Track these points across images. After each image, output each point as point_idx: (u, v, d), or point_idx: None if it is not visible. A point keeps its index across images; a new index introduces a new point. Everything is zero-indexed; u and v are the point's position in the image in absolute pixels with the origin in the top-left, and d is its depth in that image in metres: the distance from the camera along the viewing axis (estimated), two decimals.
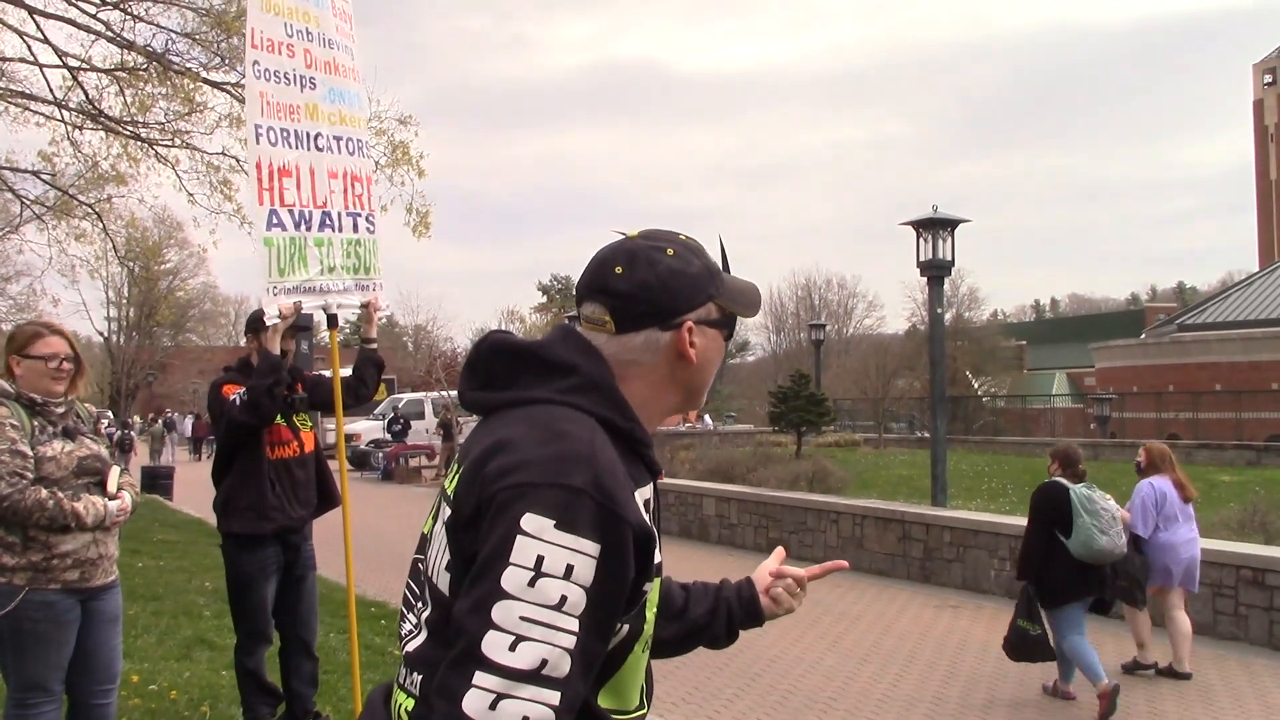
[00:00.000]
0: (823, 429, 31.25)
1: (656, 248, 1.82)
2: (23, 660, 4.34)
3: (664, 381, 1.83)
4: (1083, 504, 7.65)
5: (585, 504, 1.55)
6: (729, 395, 63.66)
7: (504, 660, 1.48)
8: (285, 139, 5.83)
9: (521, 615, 1.50)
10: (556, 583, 1.51)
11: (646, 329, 1.79)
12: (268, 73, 5.81)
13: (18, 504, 4.18)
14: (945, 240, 14.44)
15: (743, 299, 1.91)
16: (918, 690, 8.07)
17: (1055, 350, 70.47)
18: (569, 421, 1.66)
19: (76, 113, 16.67)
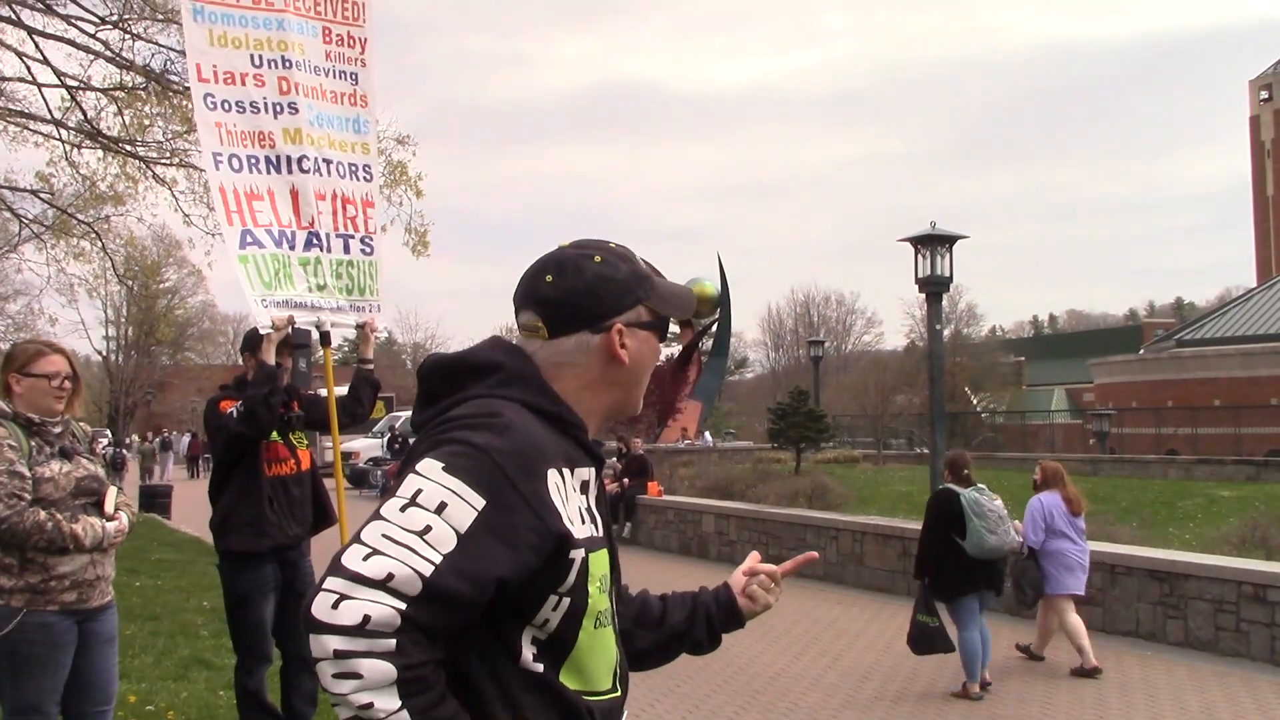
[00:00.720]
0: (822, 445, 31.26)
1: (584, 255, 1.91)
2: (18, 683, 4.30)
3: (598, 382, 1.91)
4: (973, 507, 8.39)
5: (480, 460, 1.66)
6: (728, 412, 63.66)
7: (354, 567, 1.56)
8: (253, 165, 5.86)
9: (384, 533, 1.59)
10: (425, 513, 1.61)
11: (577, 333, 1.88)
12: (225, 103, 5.85)
13: (16, 526, 4.15)
14: (943, 256, 14.47)
15: (674, 301, 2.01)
16: (918, 709, 8.03)
17: (1054, 366, 70.44)
18: (492, 405, 1.77)
19: (75, 132, 16.69)
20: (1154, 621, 10.30)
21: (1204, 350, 46.46)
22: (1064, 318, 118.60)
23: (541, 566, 1.69)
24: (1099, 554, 11.03)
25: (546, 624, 1.73)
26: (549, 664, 1.74)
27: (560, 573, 1.72)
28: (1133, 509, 20.89)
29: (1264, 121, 74.25)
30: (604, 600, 1.83)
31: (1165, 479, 28.77)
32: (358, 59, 6.34)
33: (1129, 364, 51.53)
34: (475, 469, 1.65)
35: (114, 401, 63.21)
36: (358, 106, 6.34)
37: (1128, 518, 18.58)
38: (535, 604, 1.72)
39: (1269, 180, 74.12)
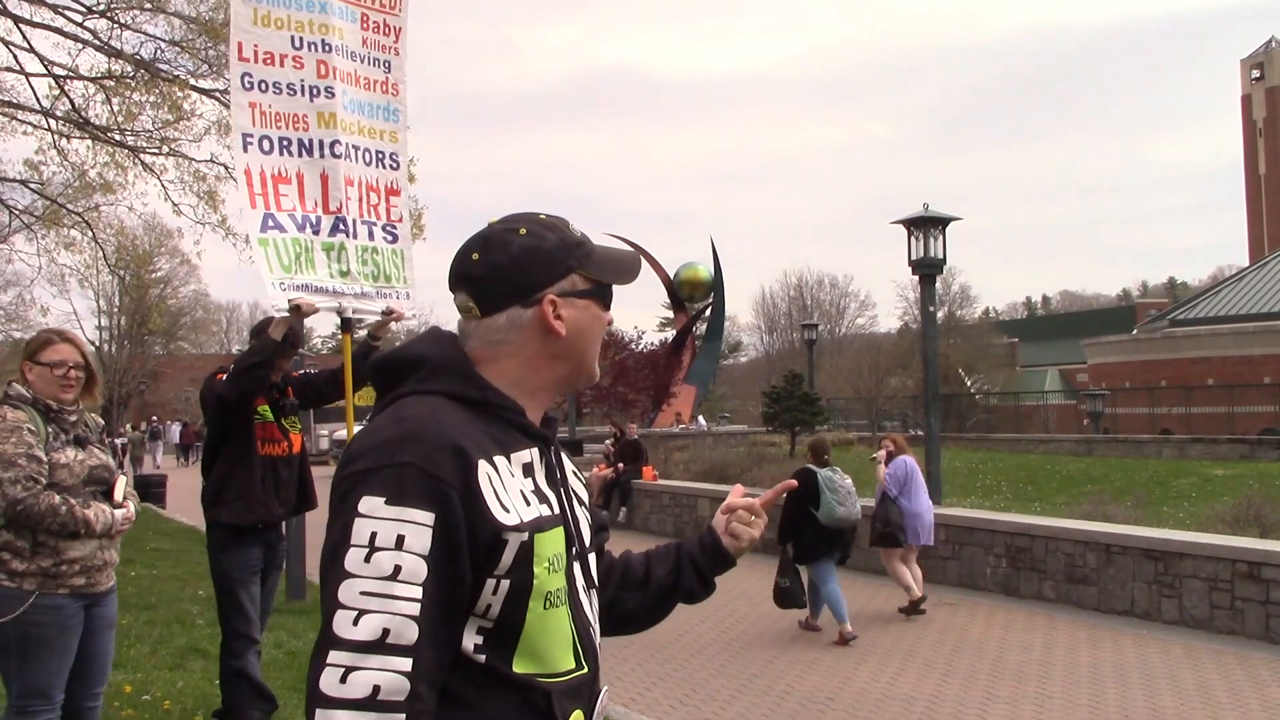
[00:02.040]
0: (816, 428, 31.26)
1: (510, 229, 1.88)
2: (27, 666, 4.36)
3: (538, 357, 1.88)
4: (827, 484, 9.87)
5: (412, 476, 1.63)
6: (722, 396, 63.73)
7: (349, 635, 1.56)
8: (285, 147, 5.87)
9: (361, 590, 1.58)
10: (389, 554, 1.59)
11: (508, 308, 1.85)
12: (262, 84, 5.85)
13: (32, 508, 4.23)
14: (937, 238, 14.45)
15: (612, 267, 1.96)
16: (915, 688, 8.05)
17: (1047, 347, 70.63)
18: (409, 407, 1.75)
19: (63, 121, 16.61)
20: (1149, 600, 10.33)
21: (1197, 330, 46.57)
22: (1057, 299, 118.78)
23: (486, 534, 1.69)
24: (1094, 534, 11.09)
25: (489, 610, 1.70)
26: (498, 651, 1.71)
27: (494, 556, 1.69)
28: (1127, 489, 20.96)
29: (1255, 100, 74.30)
30: (556, 579, 1.78)
31: (1159, 458, 28.84)
32: (392, 47, 6.36)
33: (1122, 344, 51.63)
34: (412, 488, 1.63)
35: (108, 392, 63.09)
36: (389, 94, 6.36)
37: (1122, 497, 18.65)
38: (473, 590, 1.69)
39: (1261, 159, 74.22)
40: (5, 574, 4.28)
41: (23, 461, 4.26)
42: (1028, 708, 7.52)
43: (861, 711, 7.47)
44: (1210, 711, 7.38)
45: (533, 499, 1.78)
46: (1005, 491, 22.21)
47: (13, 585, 4.28)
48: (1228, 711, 7.38)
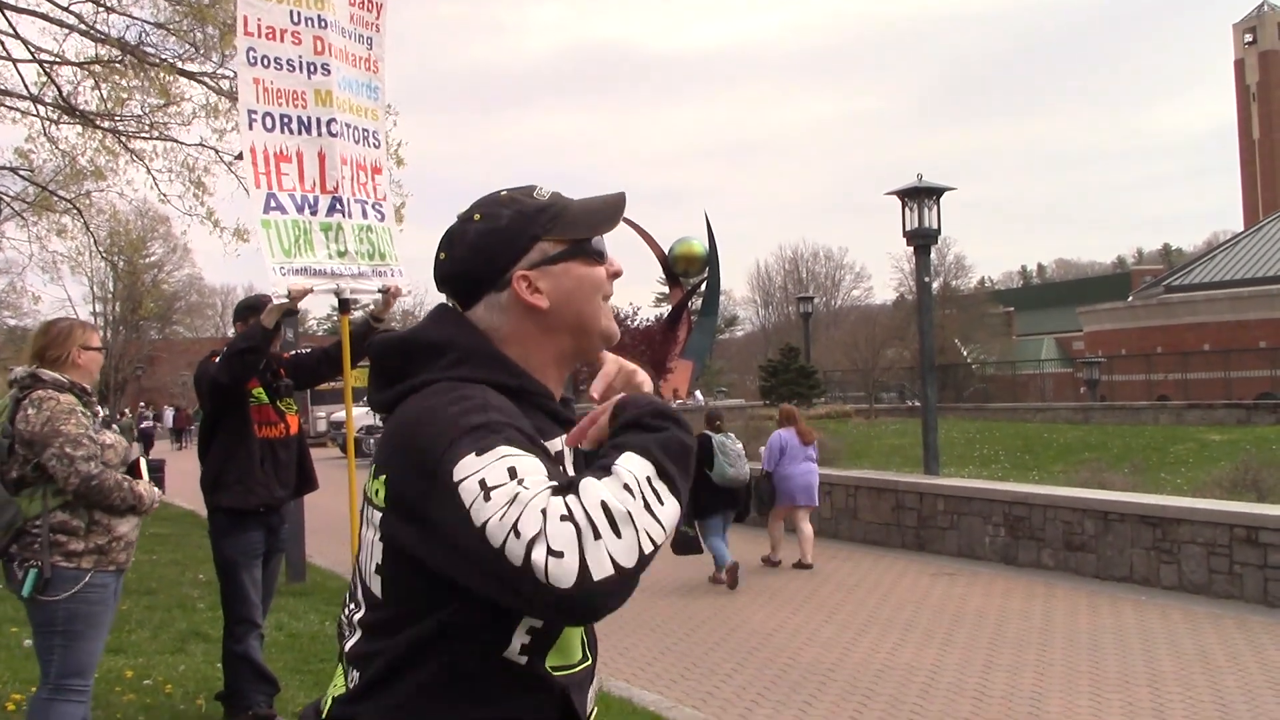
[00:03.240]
0: (813, 401, 31.31)
1: (465, 218, 1.84)
2: (73, 644, 4.46)
3: (532, 336, 1.82)
4: (719, 448, 11.19)
5: (495, 429, 1.58)
6: (719, 370, 63.75)
7: (524, 545, 1.45)
8: (285, 124, 5.85)
9: (500, 516, 1.48)
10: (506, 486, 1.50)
11: (483, 298, 1.81)
12: (265, 59, 5.81)
13: (104, 482, 4.40)
14: (931, 209, 14.41)
15: (587, 218, 1.86)
16: (916, 658, 8.07)
17: (1043, 316, 70.65)
18: (458, 389, 1.68)
19: (52, 108, 16.50)
20: (1147, 567, 10.36)
21: (1193, 295, 46.59)
22: (1052, 267, 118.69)
23: None
24: (1092, 502, 11.12)
25: None
26: (537, 651, 1.68)
27: None
28: (1124, 455, 21.00)
29: (1249, 65, 74.12)
30: None
31: (1156, 425, 28.88)
32: (374, 23, 6.33)
33: (1118, 311, 51.67)
34: (494, 436, 1.56)
35: (104, 377, 63.06)
36: (370, 71, 6.32)
37: (1119, 464, 18.68)
38: None
39: (1255, 123, 74.11)
40: (62, 555, 4.40)
41: (86, 441, 4.40)
42: (1028, 675, 7.54)
43: (863, 682, 7.49)
44: (1209, 675, 7.41)
45: None
46: (1003, 461, 22.23)
47: (70, 565, 4.41)
48: (1227, 675, 7.41)
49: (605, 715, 6.53)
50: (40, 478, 4.38)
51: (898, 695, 7.19)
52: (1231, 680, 7.29)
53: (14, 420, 4.40)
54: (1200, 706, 6.76)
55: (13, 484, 4.40)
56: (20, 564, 4.37)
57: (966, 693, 7.19)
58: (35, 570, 4.34)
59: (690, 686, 7.58)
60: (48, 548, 4.36)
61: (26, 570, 4.35)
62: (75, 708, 4.54)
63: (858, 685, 7.44)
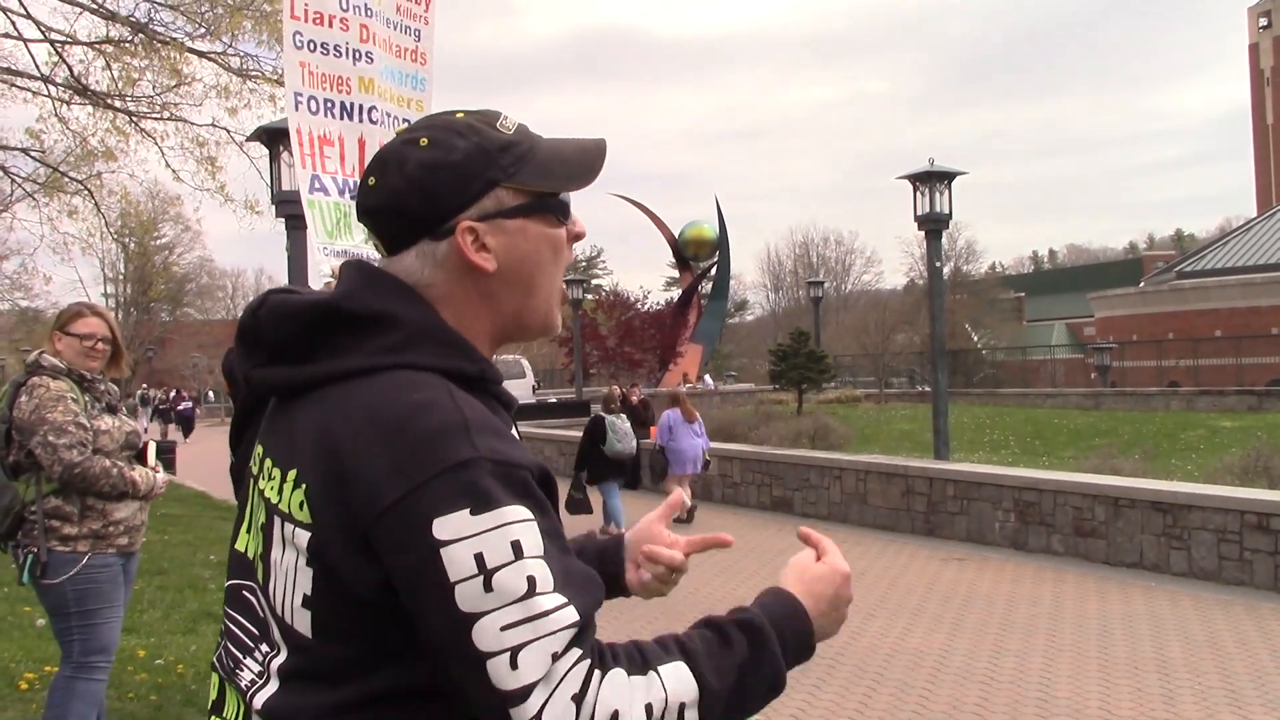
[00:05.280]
0: (823, 386, 31.28)
1: (409, 141, 1.47)
2: (91, 623, 4.53)
3: (470, 301, 1.47)
4: (610, 427, 13.26)
5: (486, 472, 1.28)
6: (728, 354, 63.71)
7: (518, 683, 1.23)
8: (329, 109, 5.89)
9: (501, 626, 1.24)
10: (511, 570, 1.25)
11: (416, 244, 1.45)
12: (311, 43, 5.84)
13: (88, 470, 4.42)
14: (942, 193, 14.37)
15: (559, 168, 1.51)
16: (925, 642, 8.07)
17: (1054, 301, 70.46)
18: (418, 389, 1.35)
19: (63, 88, 16.49)
20: (1158, 553, 10.34)
21: (1204, 281, 46.41)
22: (1064, 252, 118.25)
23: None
24: (1103, 487, 11.10)
25: None
26: None
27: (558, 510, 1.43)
28: (1135, 441, 20.96)
29: (1263, 49, 73.67)
30: None
31: (1167, 411, 28.83)
32: (423, 16, 6.33)
33: (1129, 297, 51.50)
34: (492, 485, 1.28)
35: None
36: (417, 63, 6.33)
37: (1130, 450, 18.65)
38: None
39: (1269, 108, 73.68)
40: (58, 539, 4.46)
41: (72, 428, 4.43)
42: (1037, 660, 7.54)
43: (871, 666, 7.49)
44: (1219, 662, 7.40)
45: None
46: (1013, 446, 22.21)
47: (66, 550, 4.46)
48: (1236, 661, 7.40)
49: None
50: (34, 463, 4.45)
51: (906, 679, 7.19)
52: (1241, 666, 7.28)
53: (12, 406, 4.49)
54: (1209, 692, 6.76)
55: (10, 469, 4.48)
56: (21, 550, 4.45)
57: (975, 677, 7.19)
58: (32, 555, 4.42)
59: None
60: (44, 533, 4.43)
61: (25, 556, 4.44)
62: (98, 685, 4.63)
63: (867, 669, 7.45)
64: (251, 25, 15.24)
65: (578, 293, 32.12)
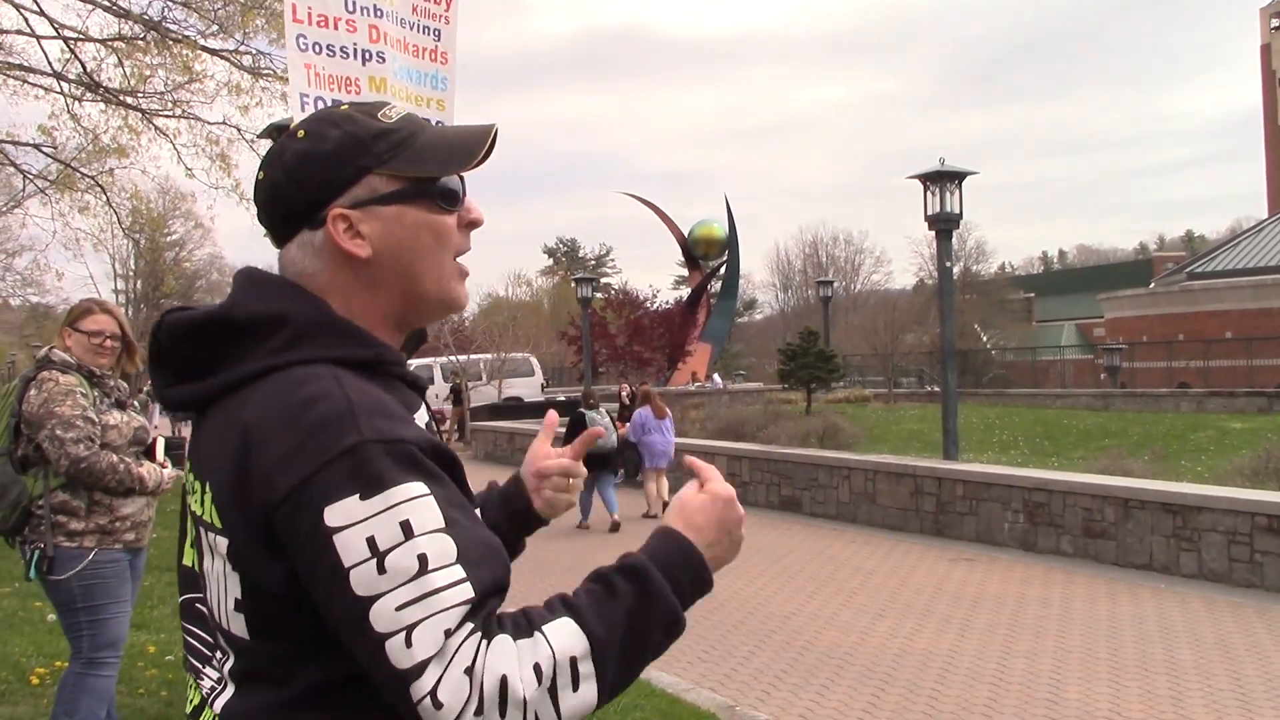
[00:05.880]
0: (832, 385, 31.23)
1: (290, 134, 1.52)
2: (99, 617, 4.56)
3: (353, 289, 1.49)
4: (590, 422, 13.76)
5: (374, 454, 1.30)
6: (738, 353, 63.69)
7: (413, 661, 1.25)
8: None
9: (396, 606, 1.25)
10: (402, 550, 1.27)
11: (297, 234, 1.49)
12: (316, 45, 5.84)
13: (94, 465, 4.43)
14: (953, 193, 14.34)
15: (434, 154, 1.51)
16: (933, 643, 8.06)
17: (1064, 302, 70.25)
18: (305, 383, 1.37)
19: (75, 84, 16.54)
20: (1167, 554, 10.32)
21: (1215, 283, 46.28)
22: (1073, 253, 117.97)
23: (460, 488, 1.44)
24: (1112, 488, 11.09)
25: None
26: None
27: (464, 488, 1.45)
28: (1144, 443, 20.89)
29: (1275, 50, 73.38)
30: None
31: (1177, 412, 28.74)
32: (443, 15, 6.32)
33: (1139, 298, 51.37)
34: (381, 466, 1.30)
35: None
36: (437, 62, 6.33)
37: (1139, 451, 18.59)
38: None
39: None
40: (64, 535, 4.48)
41: (80, 422, 4.44)
42: (1046, 661, 7.53)
43: (880, 667, 7.49)
44: (1229, 664, 7.38)
45: None
46: (1022, 447, 22.14)
47: (73, 545, 4.48)
48: (1247, 664, 7.38)
49: (622, 696, 6.54)
50: (42, 458, 4.46)
51: (915, 680, 7.19)
52: (1251, 669, 7.26)
53: (21, 400, 4.51)
54: (1219, 695, 6.74)
55: (19, 463, 4.50)
56: (28, 545, 4.47)
57: (984, 678, 7.19)
58: (39, 551, 4.44)
59: (708, 668, 7.60)
60: (50, 528, 4.45)
61: (32, 551, 4.45)
62: (107, 681, 4.66)
63: (876, 669, 7.44)
64: (263, 23, 15.28)
65: (587, 291, 32.09)
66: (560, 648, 1.29)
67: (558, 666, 1.28)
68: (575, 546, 12.82)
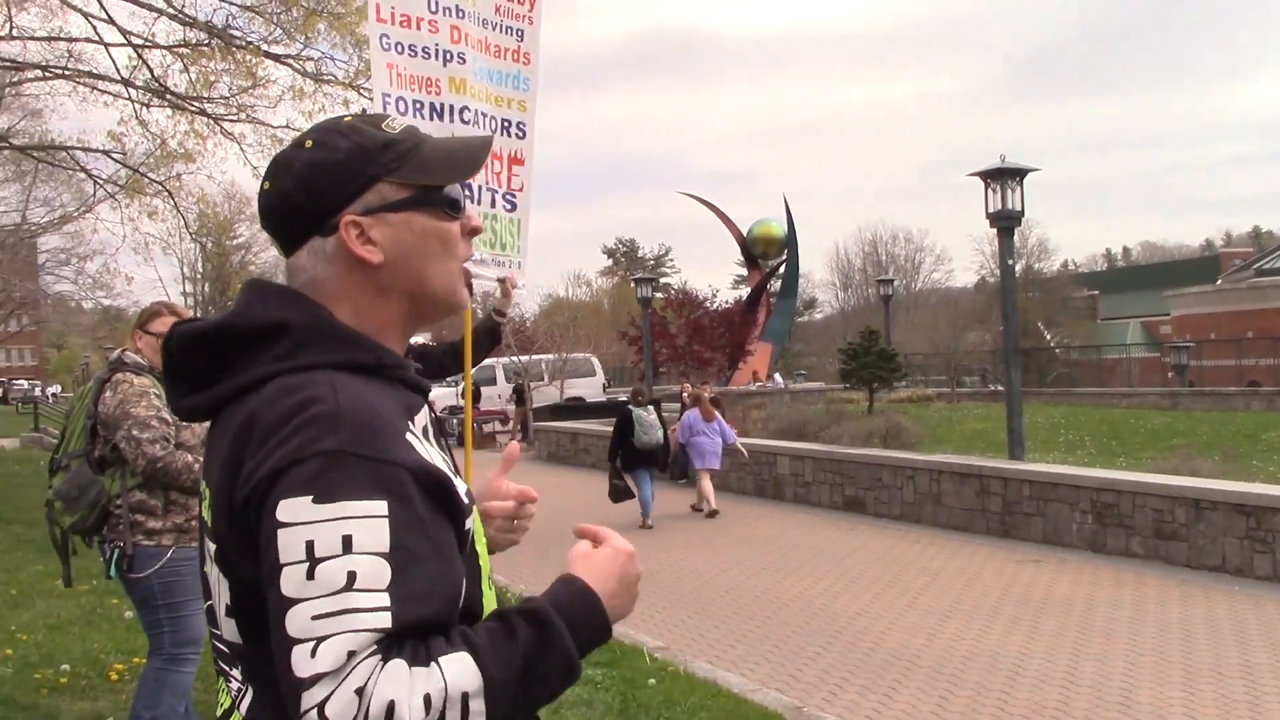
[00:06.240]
0: (894, 385, 30.98)
1: (297, 144, 1.57)
2: (179, 614, 4.63)
3: (364, 294, 1.53)
4: (638, 420, 14.44)
5: (344, 464, 1.32)
6: (798, 353, 63.48)
7: (310, 671, 1.26)
8: (417, 110, 5.92)
9: (313, 615, 1.27)
10: (336, 563, 1.28)
11: (307, 242, 1.53)
12: (398, 45, 5.89)
13: (170, 465, 4.49)
14: (1014, 190, 14.18)
15: (440, 163, 1.57)
16: (1001, 645, 7.98)
17: (1129, 299, 69.22)
18: (303, 388, 1.40)
19: (143, 91, 16.83)
20: (1240, 556, 10.13)
21: None
22: (1138, 250, 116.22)
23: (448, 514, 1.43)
24: (1183, 489, 10.92)
25: None
26: None
27: (461, 542, 1.45)
28: (1214, 443, 20.52)
29: None
30: (488, 557, 1.62)
31: (1247, 411, 28.22)
32: (526, 16, 6.35)
33: (1206, 295, 50.54)
34: (348, 478, 1.31)
35: None
36: (520, 63, 6.35)
37: (1209, 451, 18.28)
38: None
39: None
40: (143, 533, 4.55)
41: (155, 423, 4.51)
42: (1118, 663, 7.42)
43: (948, 669, 7.42)
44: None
45: (449, 468, 1.51)
46: (1089, 447, 21.83)
47: (151, 543, 4.55)
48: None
49: (689, 696, 6.55)
50: (119, 458, 4.54)
51: (984, 681, 7.12)
52: None
53: (97, 402, 4.59)
54: None
55: (96, 463, 4.58)
56: (107, 544, 4.56)
57: (1054, 680, 7.10)
58: (118, 550, 4.52)
59: (773, 669, 7.57)
60: (129, 527, 4.52)
61: (111, 550, 4.54)
62: (187, 677, 4.73)
63: (943, 671, 7.38)
64: (325, 28, 15.44)
65: (646, 291, 32.12)
66: (454, 682, 1.28)
67: (448, 700, 1.27)
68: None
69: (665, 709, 6.33)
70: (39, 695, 6.18)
